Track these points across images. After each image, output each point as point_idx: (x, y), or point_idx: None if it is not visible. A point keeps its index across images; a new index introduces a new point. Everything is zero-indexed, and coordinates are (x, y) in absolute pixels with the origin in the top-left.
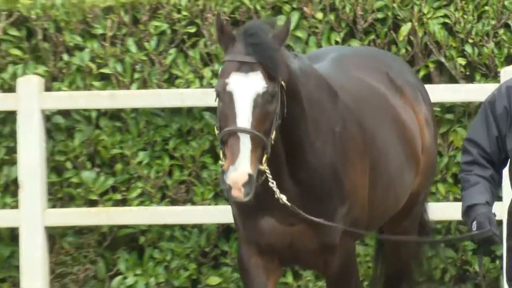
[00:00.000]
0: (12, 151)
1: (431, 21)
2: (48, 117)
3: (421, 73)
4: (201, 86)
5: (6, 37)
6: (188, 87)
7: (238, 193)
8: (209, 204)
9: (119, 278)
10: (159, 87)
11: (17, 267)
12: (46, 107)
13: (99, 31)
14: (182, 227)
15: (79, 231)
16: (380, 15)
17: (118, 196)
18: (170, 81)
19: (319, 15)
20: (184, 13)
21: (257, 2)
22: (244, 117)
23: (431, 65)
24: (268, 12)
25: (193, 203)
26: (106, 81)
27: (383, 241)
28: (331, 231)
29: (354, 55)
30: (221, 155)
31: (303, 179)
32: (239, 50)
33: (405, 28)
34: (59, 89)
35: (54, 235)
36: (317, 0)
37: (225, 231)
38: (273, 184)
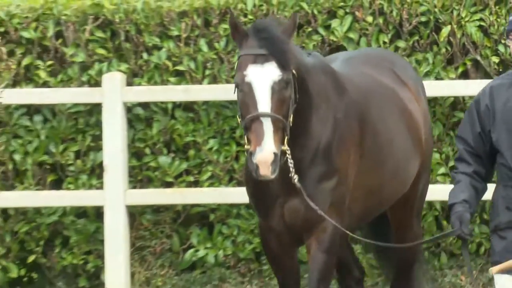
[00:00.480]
0: (97, 138)
1: (468, 24)
2: (129, 109)
3: (460, 70)
4: None
5: (93, 37)
6: None
7: (266, 171)
8: None
9: (191, 251)
10: (228, 82)
11: (101, 241)
12: (127, 100)
13: (175, 32)
14: (247, 206)
15: (157, 209)
16: (423, 19)
17: (191, 179)
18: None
19: (369, 19)
20: (250, 16)
21: (314, 7)
22: (264, 103)
23: (468, 63)
24: (324, 16)
25: None
26: (181, 77)
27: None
28: (319, 204)
29: (362, 55)
30: (245, 140)
31: (297, 156)
32: (253, 44)
33: (445, 30)
34: (139, 84)
35: (134, 213)
36: (367, 5)
37: None
38: (291, 164)
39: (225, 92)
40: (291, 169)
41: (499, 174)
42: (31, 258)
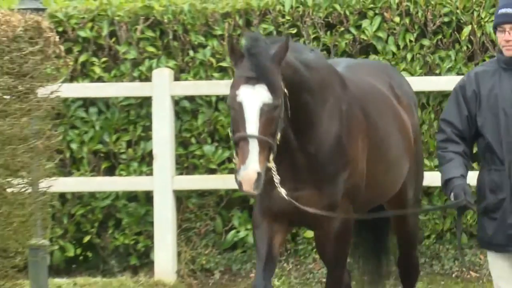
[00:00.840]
0: (147, 129)
1: (488, 24)
2: (176, 102)
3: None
4: None
5: (143, 36)
6: None
7: (249, 188)
8: None
9: (233, 232)
10: None
11: (151, 223)
12: (175, 93)
13: (219, 32)
14: None
15: (201, 194)
16: (446, 19)
17: (233, 166)
18: None
19: (397, 19)
20: (287, 17)
21: (346, 8)
22: (252, 124)
23: (487, 60)
24: (356, 17)
25: None
26: (224, 72)
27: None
28: (333, 194)
29: (363, 64)
30: (234, 155)
31: (311, 150)
32: (246, 66)
33: (466, 30)
34: (186, 79)
35: (181, 197)
36: (395, 7)
37: None
38: (276, 180)
39: None
40: (277, 185)
41: (483, 159)
42: (86, 239)
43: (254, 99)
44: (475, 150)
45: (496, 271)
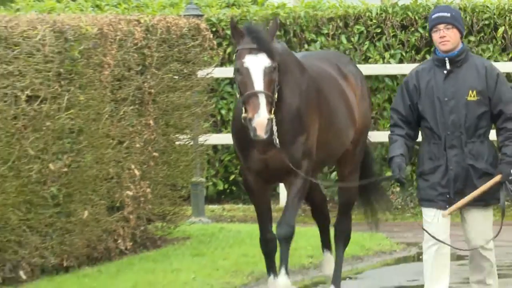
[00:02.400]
0: None
1: None
2: None
3: (510, 56)
4: (383, 62)
5: None
6: (375, 63)
7: (261, 132)
8: None
9: None
10: (359, 63)
11: None
12: None
13: (325, 31)
14: None
15: None
16: (486, 22)
17: None
18: (366, 60)
19: None
20: (374, 21)
21: (415, 14)
22: (259, 83)
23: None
24: (422, 20)
25: None
26: None
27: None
28: (295, 156)
29: (315, 53)
30: (243, 111)
31: (278, 118)
32: (248, 41)
33: (501, 30)
34: None
35: None
36: None
37: None
38: (275, 128)
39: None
40: (274, 132)
41: (424, 135)
42: (232, 177)
43: (258, 64)
44: None
45: (427, 219)
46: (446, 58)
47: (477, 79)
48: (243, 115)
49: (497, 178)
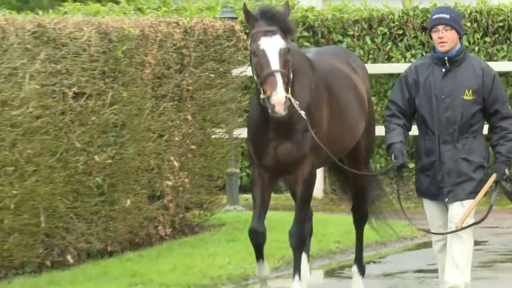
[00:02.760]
0: None
1: None
2: None
3: None
4: (405, 61)
5: (301, 35)
6: (398, 62)
7: (280, 109)
8: None
9: None
10: (382, 62)
11: None
12: None
13: (351, 32)
14: None
15: None
16: (501, 24)
17: None
18: (388, 59)
19: (468, 24)
20: (396, 23)
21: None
22: (276, 63)
23: None
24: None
25: None
26: None
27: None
28: (302, 150)
29: (326, 50)
30: (262, 92)
31: (291, 114)
32: (262, 24)
33: None
34: None
35: None
36: (467, 16)
37: None
38: (296, 104)
39: (380, 68)
40: (297, 108)
41: (420, 130)
42: None
43: (273, 45)
44: None
45: (429, 214)
46: (446, 57)
47: (473, 79)
48: (261, 96)
49: (493, 177)
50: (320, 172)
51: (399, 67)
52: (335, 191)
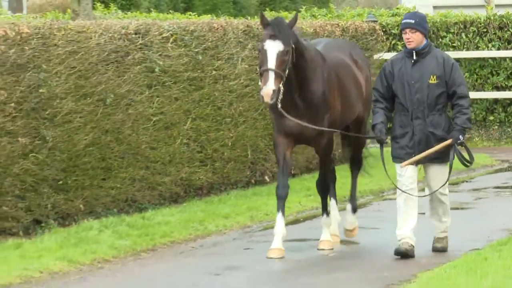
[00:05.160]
0: None
1: None
2: None
3: None
4: (488, 49)
5: None
6: (483, 50)
7: (268, 99)
8: None
9: None
10: (472, 50)
11: None
12: None
13: (452, 30)
14: None
15: None
16: None
17: None
18: (477, 48)
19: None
20: (482, 24)
21: (507, 20)
22: (271, 62)
23: None
24: (473, 29)
25: None
26: (455, 50)
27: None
28: (321, 125)
29: (333, 42)
30: (261, 82)
31: (307, 98)
32: (270, 30)
33: None
34: None
35: None
36: (495, 21)
37: None
38: (278, 102)
39: (471, 54)
40: (279, 101)
41: (397, 108)
42: None
43: (273, 48)
44: None
45: (398, 172)
46: (414, 51)
47: (436, 66)
48: (260, 85)
49: (449, 141)
50: None
51: (485, 53)
52: None
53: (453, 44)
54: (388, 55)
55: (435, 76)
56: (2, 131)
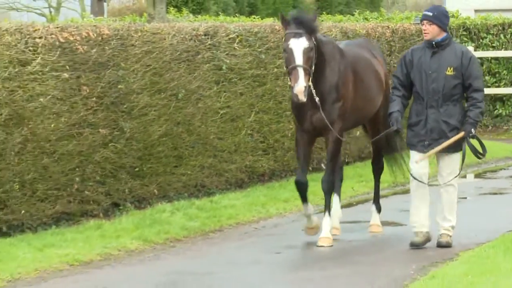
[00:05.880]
0: None
1: None
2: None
3: None
4: None
5: (461, 33)
6: None
7: (302, 97)
8: None
9: None
10: (511, 50)
11: None
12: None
13: (491, 32)
14: None
15: None
16: None
17: None
18: None
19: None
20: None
21: (482, 24)
22: (299, 59)
23: None
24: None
25: None
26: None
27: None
28: (331, 117)
29: (355, 42)
30: (289, 80)
31: (322, 89)
32: (293, 28)
33: None
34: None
35: None
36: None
37: None
38: (314, 91)
39: (509, 53)
40: (315, 95)
41: (414, 97)
42: None
43: (299, 45)
44: None
45: (412, 159)
46: (434, 42)
47: (454, 59)
48: (289, 83)
49: (461, 134)
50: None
51: None
52: (480, 126)
53: (493, 44)
54: None
55: (452, 68)
56: (84, 123)
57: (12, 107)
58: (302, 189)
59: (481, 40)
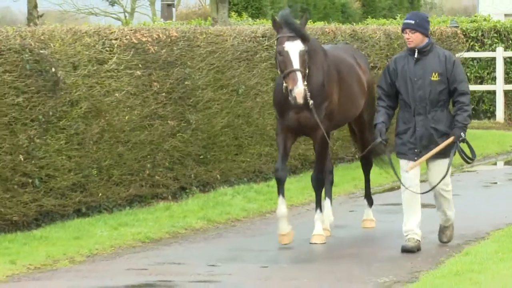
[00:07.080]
0: None
1: None
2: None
3: None
4: None
5: (492, 36)
6: None
7: (301, 100)
8: None
9: None
10: None
11: None
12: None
13: None
14: None
15: None
16: None
17: None
18: None
19: None
20: None
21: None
22: (296, 63)
23: None
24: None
25: None
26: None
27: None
28: (318, 114)
29: (338, 46)
30: (285, 83)
31: (309, 88)
32: (285, 31)
33: None
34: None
35: None
36: None
37: None
38: (308, 94)
39: None
40: (308, 97)
41: (400, 105)
42: None
43: (295, 48)
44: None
45: (401, 168)
46: (416, 49)
47: (438, 64)
48: (285, 85)
49: (451, 139)
50: (501, 103)
51: None
52: (510, 119)
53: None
54: (468, 54)
55: (437, 73)
56: (155, 115)
57: (91, 101)
58: (280, 176)
59: (510, 41)
